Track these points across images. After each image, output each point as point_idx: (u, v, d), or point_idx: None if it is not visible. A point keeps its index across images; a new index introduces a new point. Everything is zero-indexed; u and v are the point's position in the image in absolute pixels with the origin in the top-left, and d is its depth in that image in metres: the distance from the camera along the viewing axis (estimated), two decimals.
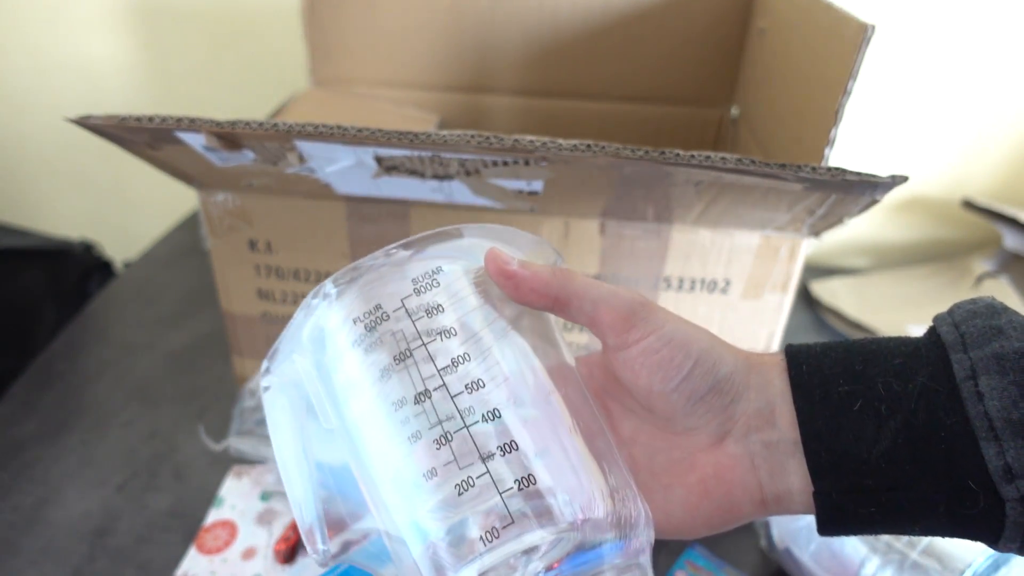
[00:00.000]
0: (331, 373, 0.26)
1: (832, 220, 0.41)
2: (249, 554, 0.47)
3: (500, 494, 0.23)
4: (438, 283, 0.26)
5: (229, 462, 0.54)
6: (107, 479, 0.54)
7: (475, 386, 0.24)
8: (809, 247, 0.45)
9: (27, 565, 0.47)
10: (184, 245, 0.86)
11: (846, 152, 0.80)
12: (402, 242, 0.26)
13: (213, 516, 0.50)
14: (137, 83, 0.95)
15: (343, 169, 0.41)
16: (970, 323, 0.24)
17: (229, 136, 0.38)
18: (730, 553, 0.48)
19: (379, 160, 0.39)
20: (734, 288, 0.47)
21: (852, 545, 0.41)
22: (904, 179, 0.34)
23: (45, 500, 0.52)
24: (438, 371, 0.24)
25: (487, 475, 0.23)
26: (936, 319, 0.25)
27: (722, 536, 0.49)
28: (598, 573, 0.23)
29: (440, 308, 0.25)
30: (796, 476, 0.25)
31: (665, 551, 0.48)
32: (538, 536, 0.23)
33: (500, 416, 0.24)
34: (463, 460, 0.23)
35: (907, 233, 0.86)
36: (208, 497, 0.52)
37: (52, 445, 0.57)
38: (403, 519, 0.25)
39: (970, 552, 0.37)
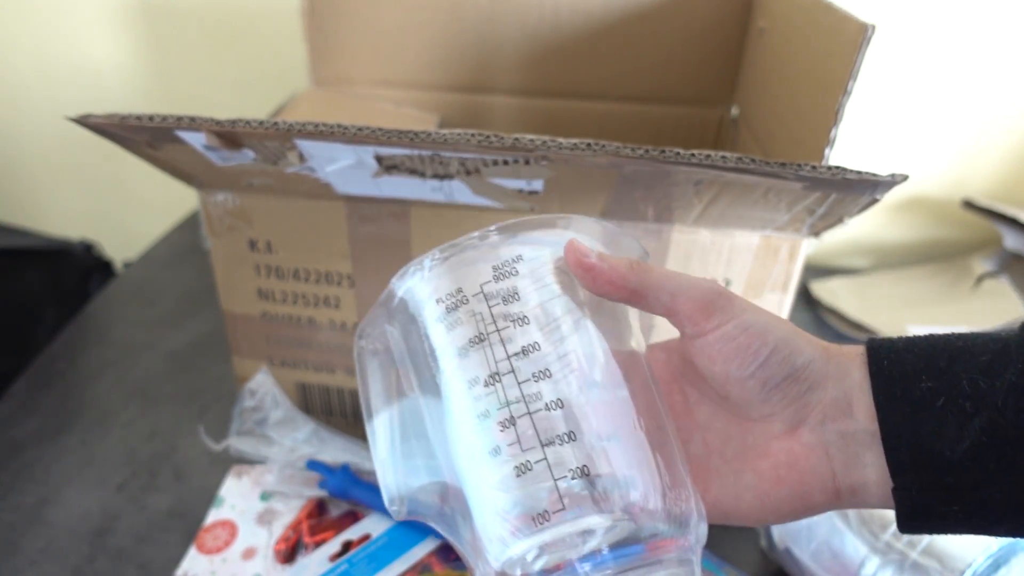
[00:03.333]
0: (417, 343, 0.28)
1: (832, 220, 0.41)
2: (249, 554, 0.47)
3: (555, 480, 0.24)
4: (517, 271, 0.27)
5: (229, 462, 0.54)
6: (107, 479, 0.54)
7: (543, 375, 0.25)
8: (809, 247, 0.45)
9: (27, 565, 0.47)
10: (184, 245, 0.86)
11: (846, 152, 0.80)
12: (499, 225, 0.27)
13: (213, 516, 0.50)
14: (137, 83, 0.95)
15: (343, 168, 0.41)
16: None
17: (229, 135, 0.38)
18: (730, 553, 0.48)
19: (379, 159, 0.39)
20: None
21: (852, 545, 0.41)
22: (904, 178, 0.34)
23: (45, 500, 0.52)
24: (508, 356, 0.26)
25: (544, 461, 0.24)
26: None
27: (722, 536, 0.49)
28: (647, 566, 0.24)
29: (516, 296, 0.26)
30: (872, 469, 0.25)
31: None
32: (588, 522, 0.24)
33: (563, 405, 0.25)
34: (525, 443, 0.25)
35: (907, 233, 0.86)
36: (208, 497, 0.52)
37: (52, 445, 0.57)
38: (470, 490, 0.26)
39: (970, 552, 0.37)
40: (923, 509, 0.24)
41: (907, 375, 0.25)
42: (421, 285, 0.28)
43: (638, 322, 0.30)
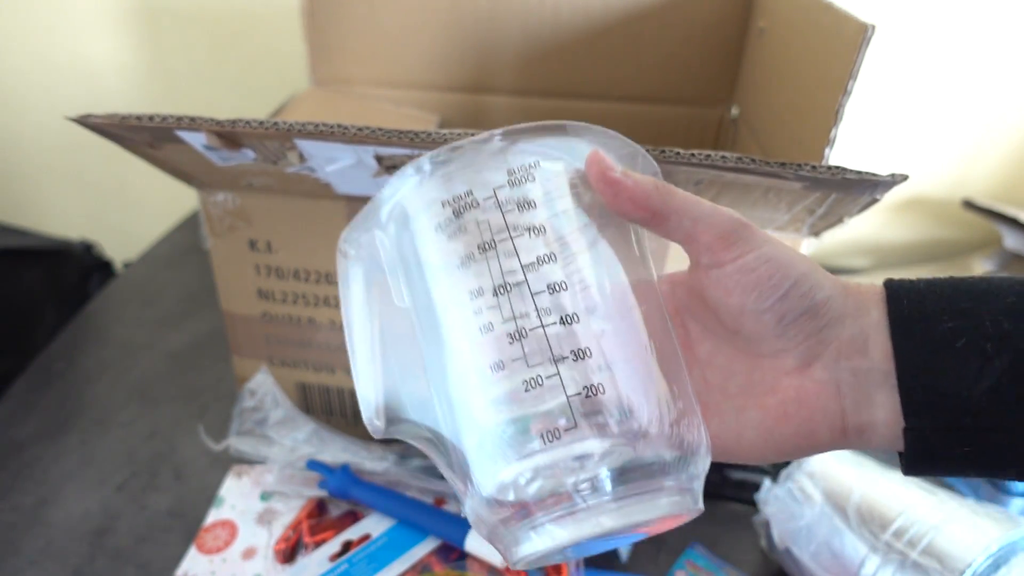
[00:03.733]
0: (410, 252, 0.26)
1: (832, 220, 0.41)
2: (249, 554, 0.47)
3: (567, 397, 0.23)
4: (534, 178, 0.25)
5: (229, 462, 0.54)
6: (107, 479, 0.54)
7: (557, 287, 0.24)
8: (809, 247, 0.45)
9: (27, 565, 0.47)
10: (184, 245, 0.86)
11: (846, 152, 0.80)
12: (502, 130, 0.25)
13: (213, 516, 0.50)
14: (137, 83, 0.95)
15: (343, 168, 0.41)
16: None
17: (229, 135, 0.38)
18: (730, 553, 0.48)
19: (379, 159, 0.39)
20: None
21: (852, 545, 0.41)
22: (904, 177, 0.34)
23: (45, 500, 0.52)
24: (522, 266, 0.24)
25: (556, 377, 0.23)
26: None
27: (722, 536, 0.49)
28: (647, 493, 0.23)
29: (532, 204, 0.25)
30: (883, 409, 0.25)
31: (665, 550, 0.48)
32: (597, 444, 0.23)
33: (578, 321, 0.24)
34: (533, 359, 0.23)
35: (907, 233, 0.86)
36: (208, 497, 0.52)
37: (52, 445, 0.57)
38: (462, 409, 0.25)
39: (970, 552, 0.37)
40: (933, 451, 0.24)
41: (927, 315, 0.24)
42: (420, 190, 0.26)
43: (649, 248, 0.28)
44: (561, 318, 0.24)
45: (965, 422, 0.23)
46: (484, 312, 0.24)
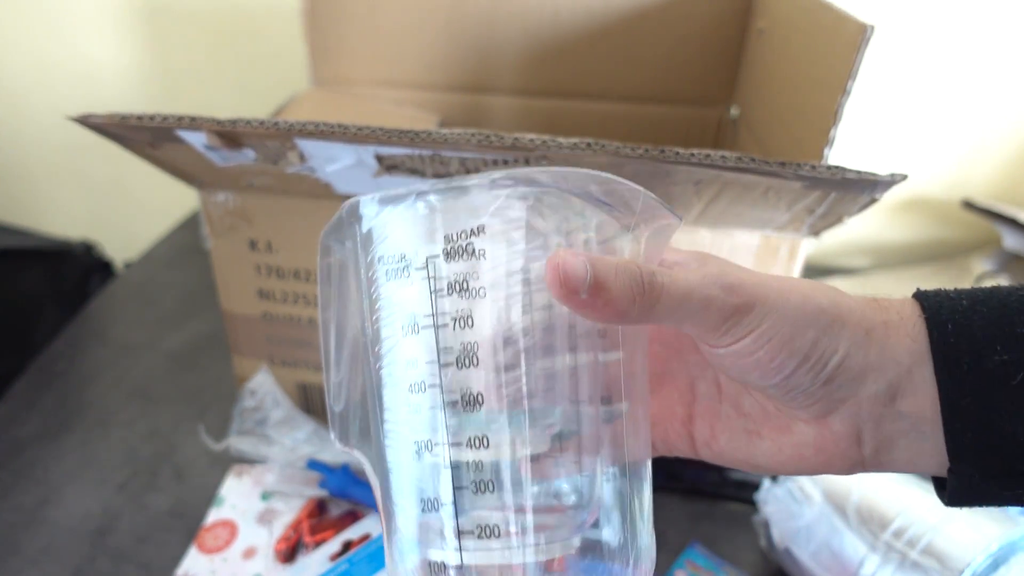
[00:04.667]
0: (366, 278, 0.25)
1: (832, 219, 0.41)
2: (249, 553, 0.47)
3: (497, 508, 0.22)
4: (473, 249, 0.22)
5: (229, 462, 0.54)
6: (108, 479, 0.54)
7: (474, 401, 0.22)
8: (809, 247, 0.45)
9: (28, 565, 0.47)
10: (184, 245, 0.86)
11: (846, 152, 0.80)
12: (470, 179, 0.23)
13: (213, 515, 0.50)
14: (137, 83, 0.95)
15: (343, 168, 0.41)
16: None
17: (230, 135, 0.38)
18: (730, 553, 0.48)
19: (380, 159, 0.39)
20: None
21: (852, 544, 0.41)
22: (903, 177, 0.34)
23: (46, 500, 0.52)
24: (440, 364, 0.22)
25: (491, 486, 0.22)
26: None
27: (722, 536, 0.49)
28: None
29: (465, 284, 0.22)
30: (909, 452, 0.22)
31: (665, 550, 0.48)
32: (521, 556, 0.22)
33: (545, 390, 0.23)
34: (466, 442, 0.22)
35: (907, 233, 0.86)
36: (208, 496, 0.52)
37: (52, 445, 0.57)
38: (399, 477, 0.24)
39: (969, 551, 0.37)
40: (983, 493, 0.22)
41: (977, 344, 0.21)
42: (385, 224, 0.24)
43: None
44: (510, 419, 0.22)
45: (1021, 468, 0.21)
46: (422, 393, 0.23)
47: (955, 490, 0.22)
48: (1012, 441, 0.21)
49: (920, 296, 0.23)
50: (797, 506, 0.44)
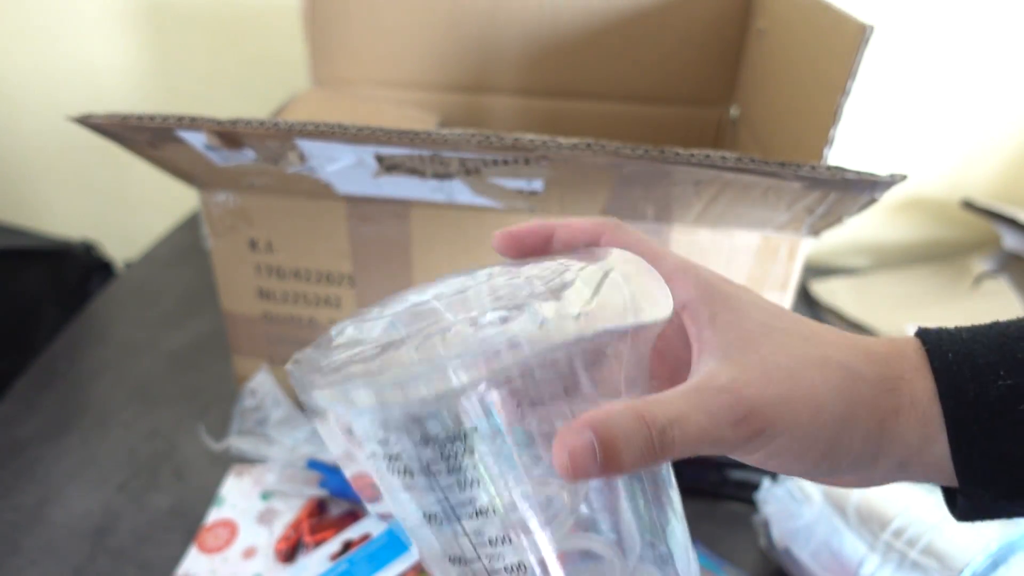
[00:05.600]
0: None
1: (831, 219, 0.41)
2: (250, 553, 0.47)
3: None
4: (459, 451, 0.21)
5: (229, 461, 0.54)
6: (108, 478, 0.54)
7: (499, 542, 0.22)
8: (809, 247, 0.45)
9: (28, 564, 0.47)
10: (184, 245, 0.86)
11: (846, 152, 0.80)
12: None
13: (214, 515, 0.50)
14: (137, 83, 0.96)
15: (343, 168, 0.41)
16: None
17: (230, 135, 0.38)
18: (730, 553, 0.48)
19: (380, 159, 0.39)
20: None
21: (851, 544, 0.41)
22: (903, 177, 0.34)
23: (46, 499, 0.52)
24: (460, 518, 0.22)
25: None
26: None
27: (722, 535, 0.49)
28: None
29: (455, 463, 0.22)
30: (918, 476, 0.23)
31: None
32: None
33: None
34: None
35: (907, 233, 0.86)
36: (208, 496, 0.52)
37: (53, 445, 0.57)
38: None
39: (969, 551, 0.37)
40: (994, 510, 0.23)
41: (979, 372, 0.21)
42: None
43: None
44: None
45: None
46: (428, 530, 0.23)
47: (966, 509, 0.23)
48: (1022, 464, 0.21)
49: (921, 333, 0.23)
50: (797, 506, 0.44)
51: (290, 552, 0.47)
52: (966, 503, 0.23)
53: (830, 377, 0.22)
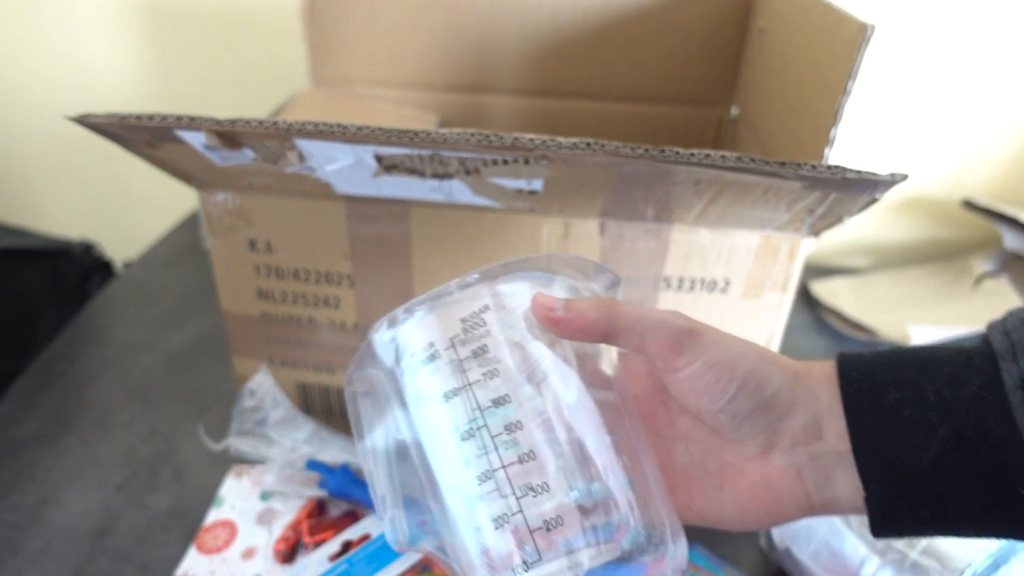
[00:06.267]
0: (402, 390, 0.29)
1: (832, 219, 0.41)
2: (249, 554, 0.47)
3: (530, 533, 0.26)
4: (484, 322, 0.27)
5: (229, 462, 0.54)
6: (107, 479, 0.54)
7: (514, 427, 0.26)
8: (809, 247, 0.45)
9: (27, 565, 0.47)
10: (184, 245, 0.86)
11: (846, 152, 0.80)
12: (475, 273, 0.28)
13: (213, 516, 0.50)
14: (137, 83, 0.95)
15: (343, 168, 0.41)
16: (1021, 331, 0.24)
17: (229, 135, 0.38)
18: (730, 553, 0.48)
19: (379, 159, 0.39)
20: (734, 288, 0.47)
21: (852, 545, 0.41)
22: (904, 177, 0.34)
23: (45, 500, 0.52)
24: (481, 411, 0.27)
25: (521, 514, 0.26)
26: (989, 327, 0.26)
27: (722, 536, 0.49)
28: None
29: (484, 348, 0.27)
30: (843, 485, 0.26)
31: None
32: (567, 563, 0.26)
33: (535, 457, 0.26)
34: (503, 490, 0.26)
35: (907, 233, 0.86)
36: (208, 497, 0.52)
37: (52, 445, 0.57)
38: (459, 530, 0.28)
39: (970, 552, 0.37)
40: (895, 516, 0.25)
41: (876, 387, 0.26)
42: (401, 333, 0.29)
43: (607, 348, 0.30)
44: (520, 456, 0.26)
45: (919, 489, 0.25)
46: (463, 448, 0.27)
47: (875, 517, 0.26)
48: (907, 465, 0.24)
49: (837, 355, 0.28)
50: None
51: (289, 553, 0.47)
52: (874, 509, 0.26)
53: (753, 349, 0.28)
